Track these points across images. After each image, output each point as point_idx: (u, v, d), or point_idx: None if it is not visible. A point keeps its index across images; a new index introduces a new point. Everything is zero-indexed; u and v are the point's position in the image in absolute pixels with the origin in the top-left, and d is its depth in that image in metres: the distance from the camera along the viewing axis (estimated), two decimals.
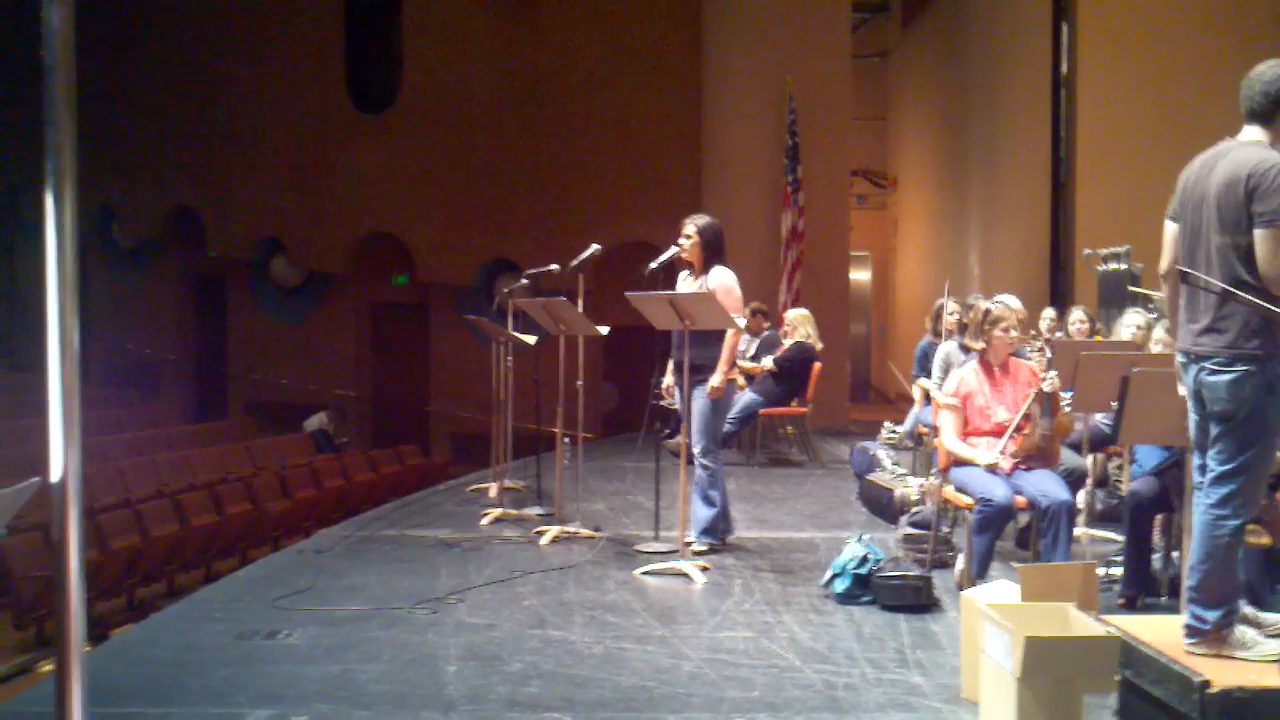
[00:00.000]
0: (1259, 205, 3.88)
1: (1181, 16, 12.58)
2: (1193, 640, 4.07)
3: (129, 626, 7.00)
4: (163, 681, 4.69)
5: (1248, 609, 4.22)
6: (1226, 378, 4.00)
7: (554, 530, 7.40)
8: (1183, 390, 4.28)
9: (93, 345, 19.95)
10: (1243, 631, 4.03)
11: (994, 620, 3.89)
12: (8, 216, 20.66)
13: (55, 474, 1.84)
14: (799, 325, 10.96)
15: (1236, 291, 3.87)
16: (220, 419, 18.85)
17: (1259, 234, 3.87)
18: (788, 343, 10.91)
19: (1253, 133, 4.03)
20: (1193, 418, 4.24)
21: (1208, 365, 4.06)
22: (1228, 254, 3.98)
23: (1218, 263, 4.02)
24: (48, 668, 8.13)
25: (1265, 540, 4.96)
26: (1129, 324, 7.86)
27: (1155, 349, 6.53)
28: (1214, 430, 4.10)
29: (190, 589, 8.60)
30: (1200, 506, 4.12)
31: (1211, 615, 4.04)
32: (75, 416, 1.84)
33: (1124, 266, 10.12)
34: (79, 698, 1.87)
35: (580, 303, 7.52)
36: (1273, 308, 3.83)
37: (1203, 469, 4.19)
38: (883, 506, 8.06)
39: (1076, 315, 8.96)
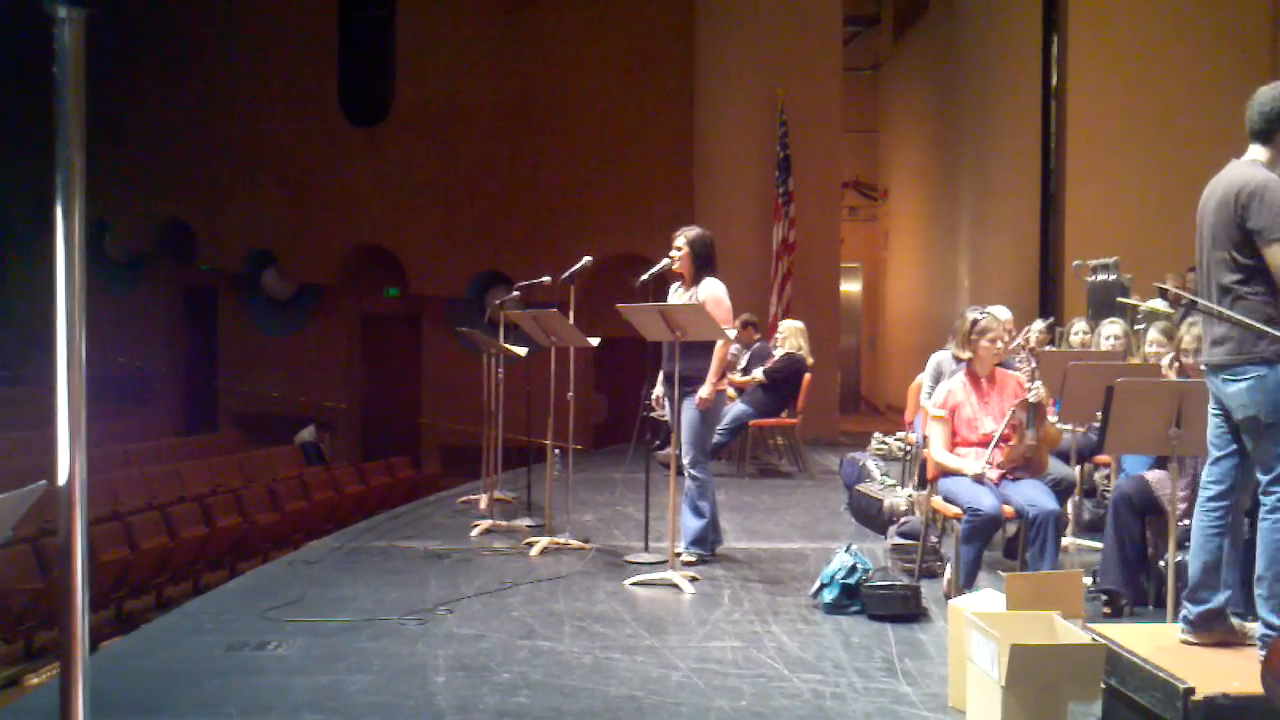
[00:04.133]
0: (1254, 223, 3.98)
1: (1171, 29, 12.65)
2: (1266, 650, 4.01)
3: (118, 638, 6.99)
4: (153, 692, 4.69)
5: (1233, 619, 4.25)
6: (1243, 384, 4.09)
7: (544, 541, 7.41)
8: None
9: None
10: None
11: (981, 629, 3.91)
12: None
13: (62, 477, 1.86)
14: (790, 336, 10.99)
15: (1224, 310, 4.01)
16: (210, 431, 18.81)
17: (1268, 252, 3.98)
18: (778, 353, 10.93)
19: (1255, 152, 4.17)
20: (1211, 422, 4.30)
21: (1223, 375, 4.16)
22: (1220, 265, 4.12)
23: (1214, 275, 4.15)
24: (35, 680, 8.12)
25: None
26: (1108, 335, 7.91)
27: (1150, 349, 6.70)
28: (1248, 442, 4.15)
29: (180, 601, 8.58)
30: (1262, 518, 4.10)
31: None
32: (81, 420, 1.87)
33: (1113, 277, 10.15)
34: (83, 701, 1.89)
35: (571, 314, 7.54)
36: (1257, 324, 3.93)
37: (1219, 473, 4.24)
38: (871, 517, 8.08)
39: (1079, 326, 8.83)
